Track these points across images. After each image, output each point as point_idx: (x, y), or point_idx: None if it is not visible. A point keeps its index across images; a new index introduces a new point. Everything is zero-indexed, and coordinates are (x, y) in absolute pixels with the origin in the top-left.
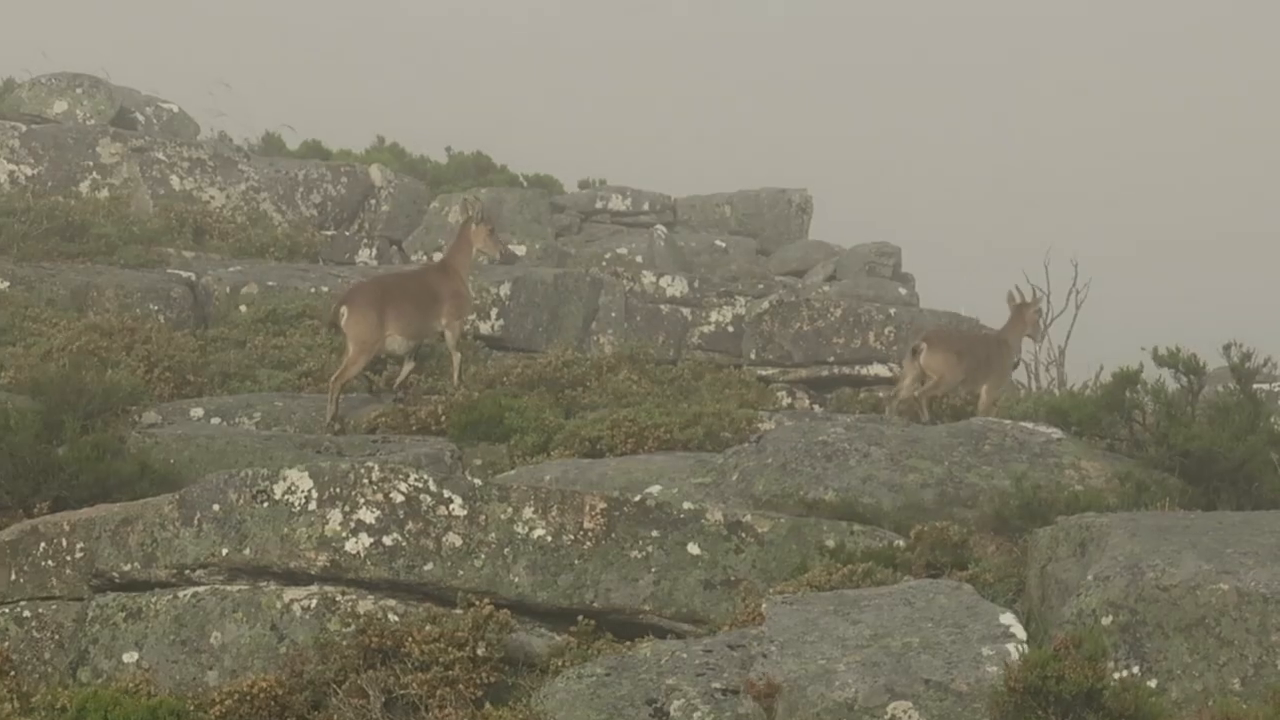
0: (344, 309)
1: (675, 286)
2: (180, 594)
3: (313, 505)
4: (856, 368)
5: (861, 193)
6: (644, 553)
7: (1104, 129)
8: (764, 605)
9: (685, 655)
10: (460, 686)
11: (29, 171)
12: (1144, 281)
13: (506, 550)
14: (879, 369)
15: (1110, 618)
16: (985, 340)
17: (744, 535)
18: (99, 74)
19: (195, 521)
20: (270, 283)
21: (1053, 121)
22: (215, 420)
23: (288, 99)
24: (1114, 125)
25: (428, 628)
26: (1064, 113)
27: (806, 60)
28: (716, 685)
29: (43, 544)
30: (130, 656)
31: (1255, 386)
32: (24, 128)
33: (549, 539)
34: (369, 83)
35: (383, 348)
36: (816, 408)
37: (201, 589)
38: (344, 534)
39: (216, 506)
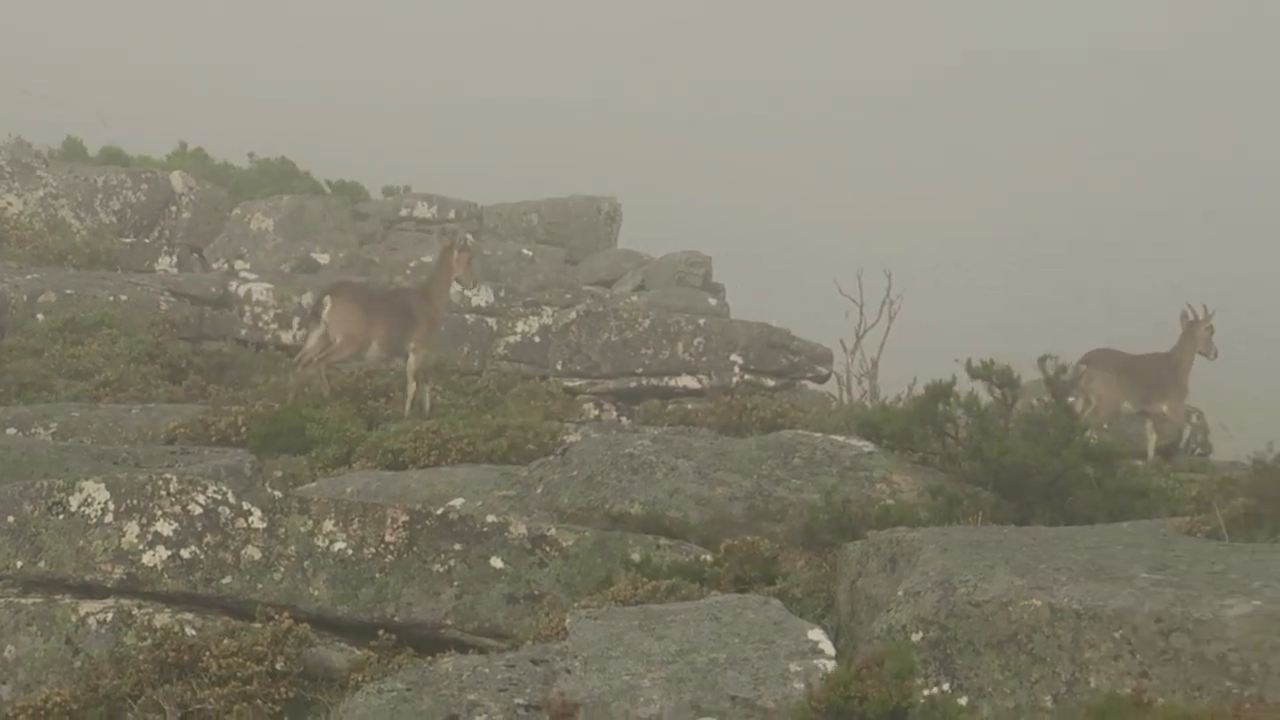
0: (328, 300)
1: (481, 296)
2: None
3: (109, 517)
4: (665, 379)
5: (672, 202)
6: (446, 566)
7: (925, 140)
8: (568, 620)
9: (488, 670)
10: (259, 701)
11: None
12: (959, 294)
13: (307, 563)
14: (687, 380)
15: (921, 634)
16: (1156, 360)
17: (548, 549)
18: None
19: None
20: (68, 291)
21: (872, 134)
22: (11, 430)
23: (89, 104)
24: (934, 136)
25: (226, 641)
26: (884, 127)
27: (614, 71)
28: (519, 701)
29: None
30: None
31: (1070, 399)
32: None
33: (350, 552)
34: (174, 86)
35: (364, 349)
36: (624, 420)
37: None
38: (141, 546)
39: (11, 518)
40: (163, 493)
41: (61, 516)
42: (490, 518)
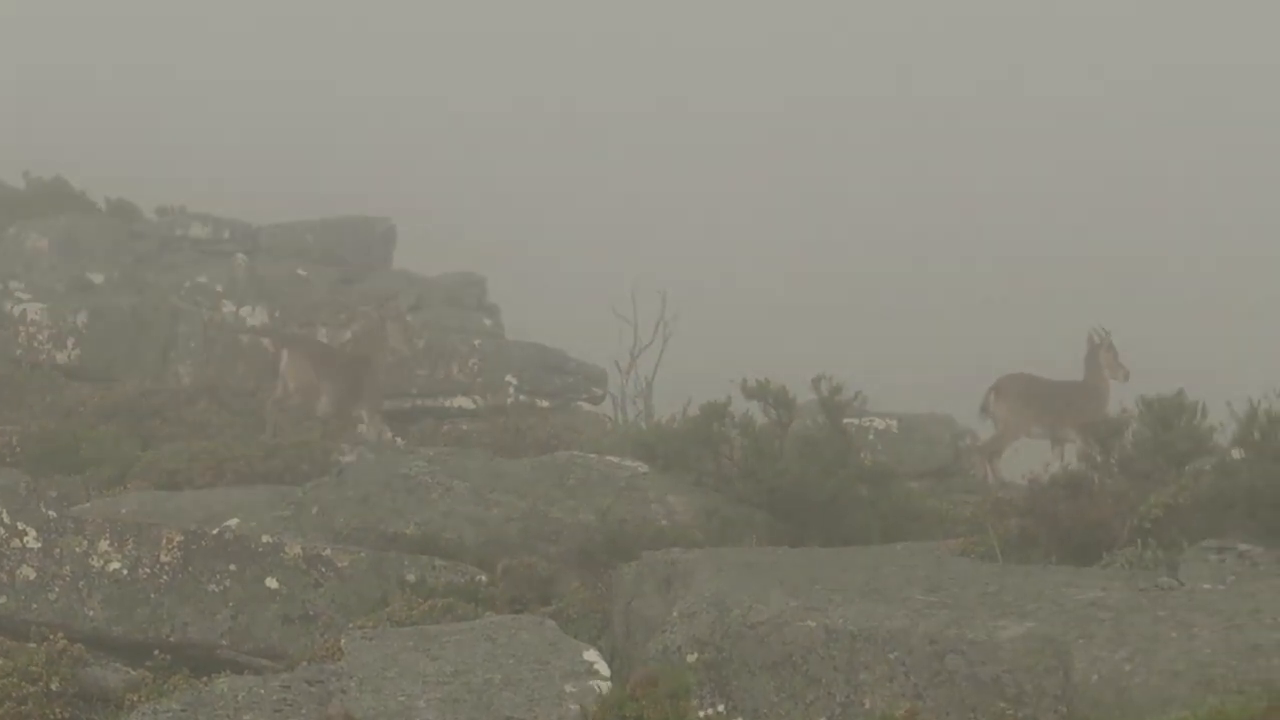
0: (285, 352)
1: (256, 316)
2: None
3: None
4: (440, 399)
5: (447, 223)
6: (222, 586)
7: (686, 159)
8: (343, 641)
9: (263, 691)
10: None
11: None
12: (734, 315)
13: (82, 583)
14: (463, 401)
15: (696, 655)
16: (1067, 387)
17: (324, 569)
18: None
19: None
20: None
21: (641, 156)
22: None
23: None
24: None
25: (0, 662)
26: (654, 146)
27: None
28: None
29: None
30: None
31: (845, 421)
32: None
33: (125, 572)
34: None
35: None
36: (399, 440)
37: None
38: None
39: None
40: None
41: None
42: (265, 538)
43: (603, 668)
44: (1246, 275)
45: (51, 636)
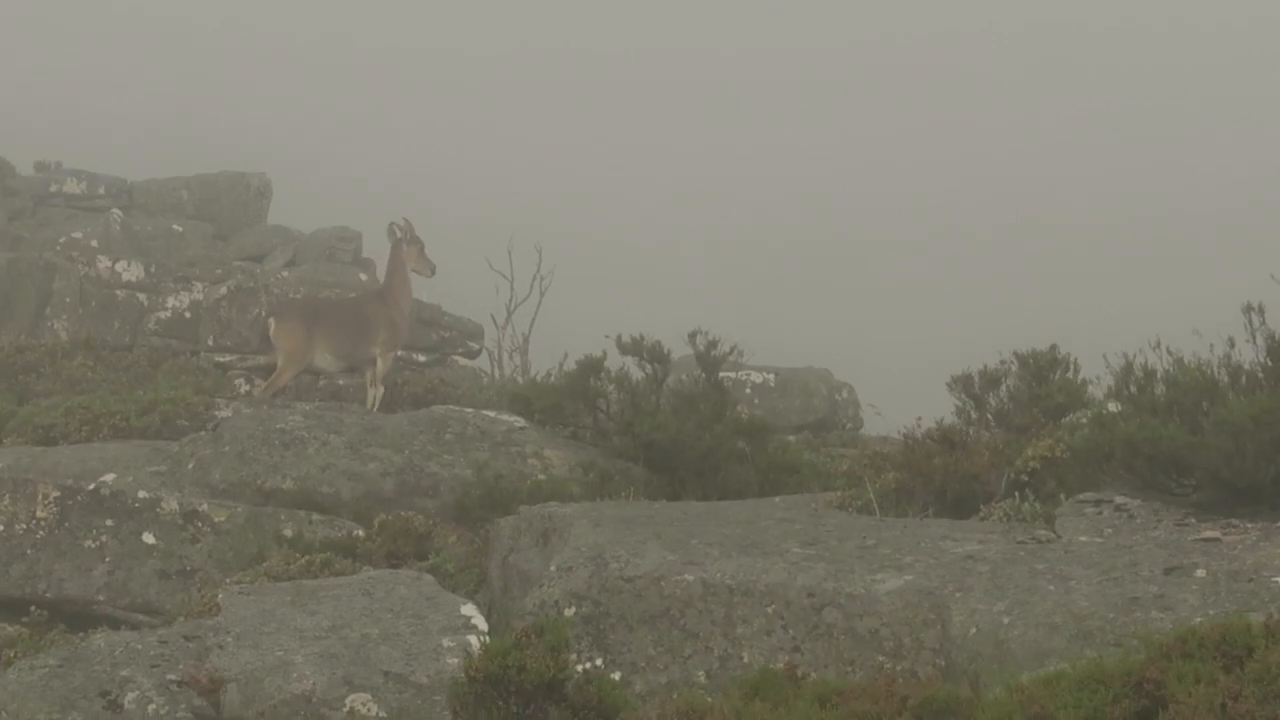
0: (271, 321)
1: (131, 271)
2: None
3: None
4: None
5: (321, 176)
6: (98, 542)
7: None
8: (220, 596)
9: (140, 646)
10: None
11: None
12: (608, 269)
13: None
14: None
15: (573, 609)
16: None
17: (200, 524)
18: None
19: None
20: None
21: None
22: None
23: None
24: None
25: None
26: (527, 102)
27: (255, 44)
28: (172, 677)
29: None
30: None
31: (721, 375)
32: None
33: (0, 528)
34: None
35: (311, 363)
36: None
37: None
38: None
39: None
40: None
41: None
42: (142, 493)
43: (480, 622)
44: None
45: None
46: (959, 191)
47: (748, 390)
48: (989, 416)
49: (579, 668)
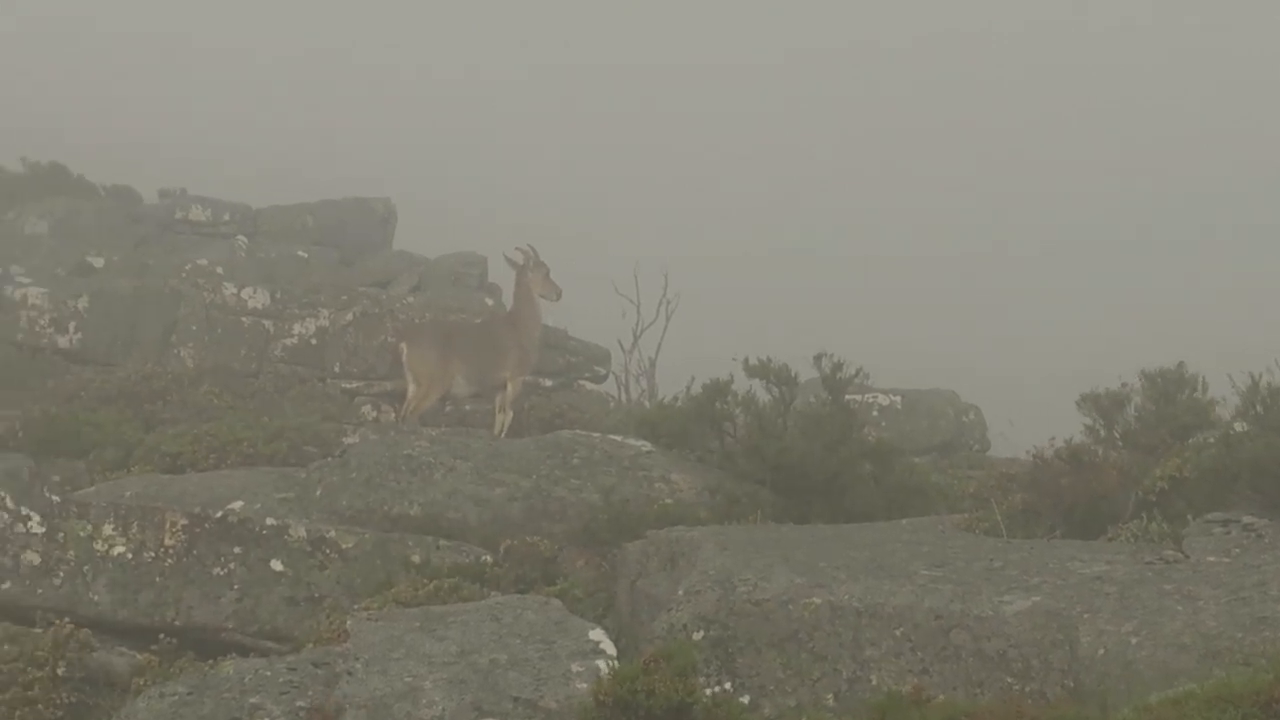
0: (403, 346)
1: (257, 298)
2: None
3: None
4: None
5: (446, 203)
6: (226, 569)
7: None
8: (349, 622)
9: (269, 673)
10: (40, 707)
11: None
12: (735, 293)
13: (86, 568)
14: None
15: (701, 633)
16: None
17: (328, 551)
18: None
19: None
20: None
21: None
22: None
23: None
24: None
25: (6, 647)
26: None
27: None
28: (301, 704)
29: None
30: None
31: (846, 397)
32: None
33: (129, 556)
34: None
35: (448, 388)
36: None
37: None
38: None
39: None
40: None
41: None
42: (270, 520)
43: (609, 647)
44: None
45: (57, 621)
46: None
47: (874, 412)
48: (1116, 436)
49: (707, 691)
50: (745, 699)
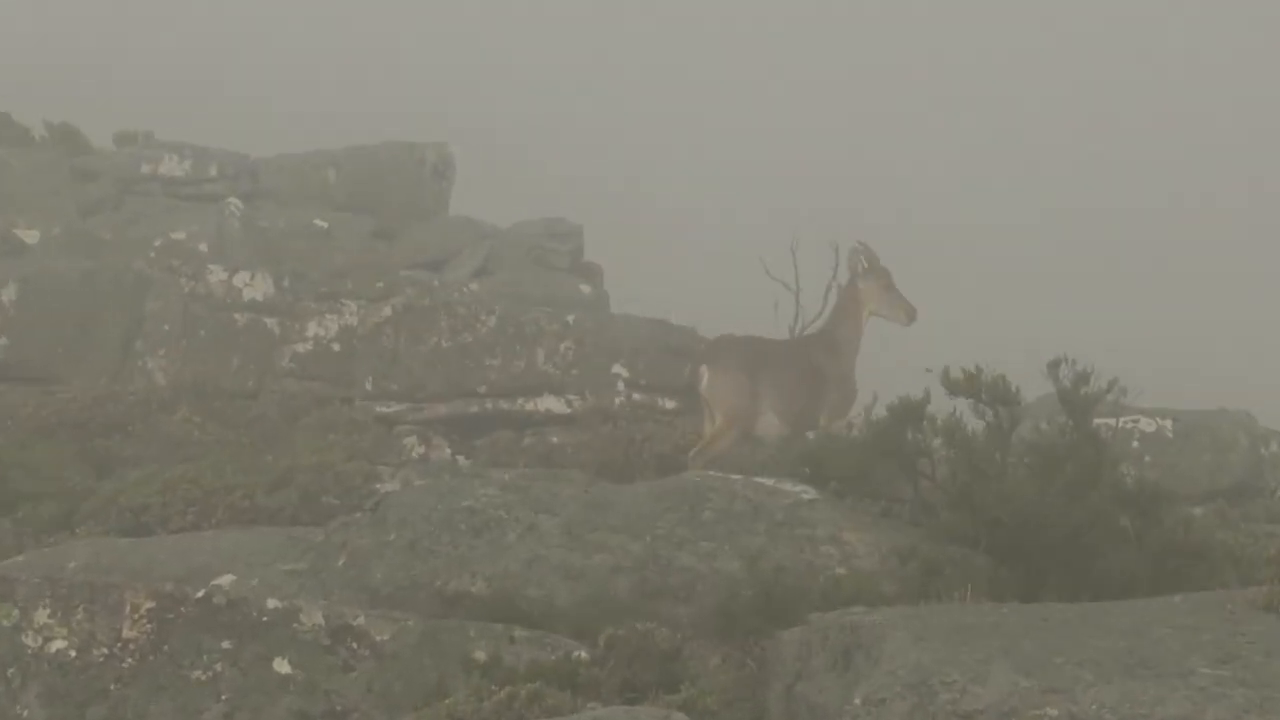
0: (704, 369)
1: (256, 286)
2: None
3: None
4: (519, 401)
5: (524, 150)
6: (210, 673)
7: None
8: None
9: None
10: None
11: None
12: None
13: (11, 671)
14: (551, 402)
15: None
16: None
17: (356, 645)
18: None
19: None
20: None
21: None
22: None
23: None
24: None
25: None
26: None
27: None
28: None
29: None
30: None
31: (1095, 422)
32: None
33: (73, 654)
34: None
35: (754, 425)
36: (461, 459)
37: None
38: None
39: None
40: None
41: None
42: (273, 602)
43: None
44: None
45: None
46: None
47: (1134, 443)
48: None
49: None
50: None
